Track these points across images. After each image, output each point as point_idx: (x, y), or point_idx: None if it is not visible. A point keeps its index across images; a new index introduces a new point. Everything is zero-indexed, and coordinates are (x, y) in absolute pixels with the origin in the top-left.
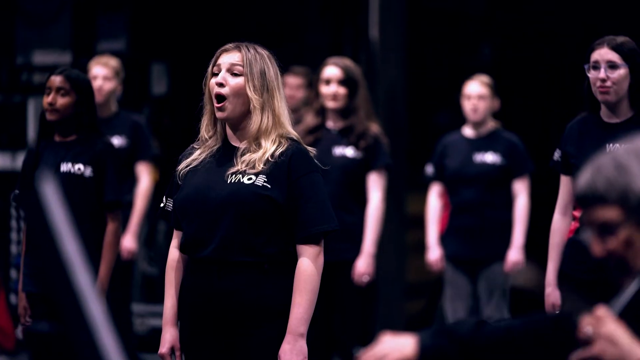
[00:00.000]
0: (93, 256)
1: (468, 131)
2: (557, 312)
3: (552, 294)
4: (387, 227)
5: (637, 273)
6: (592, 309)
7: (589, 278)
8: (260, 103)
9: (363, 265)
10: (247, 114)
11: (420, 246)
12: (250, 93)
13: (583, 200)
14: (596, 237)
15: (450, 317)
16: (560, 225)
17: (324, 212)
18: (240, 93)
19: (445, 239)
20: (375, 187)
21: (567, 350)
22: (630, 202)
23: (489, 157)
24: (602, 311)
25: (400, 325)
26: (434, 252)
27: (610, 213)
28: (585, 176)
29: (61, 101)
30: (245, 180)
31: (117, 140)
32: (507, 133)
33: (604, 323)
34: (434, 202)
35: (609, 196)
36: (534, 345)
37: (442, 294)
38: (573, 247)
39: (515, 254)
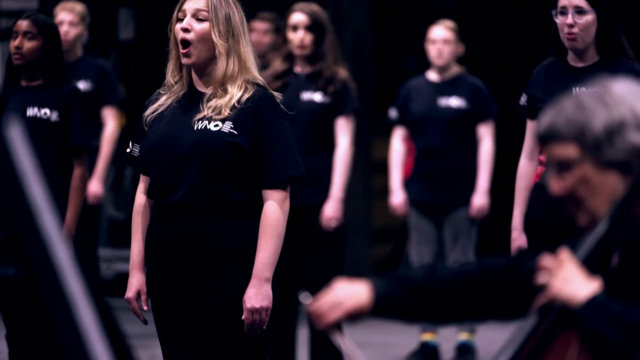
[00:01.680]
0: (60, 201)
1: (432, 76)
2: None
3: (519, 238)
4: (354, 172)
5: (595, 213)
6: (554, 252)
7: (555, 222)
8: (226, 48)
9: (331, 209)
10: (212, 59)
11: (387, 191)
12: (216, 38)
13: (543, 139)
14: (554, 175)
15: (416, 262)
16: (526, 169)
17: (290, 158)
18: (205, 38)
19: (410, 183)
20: (343, 132)
21: (521, 294)
22: (587, 140)
23: (454, 102)
24: (561, 254)
25: (366, 270)
26: (397, 196)
27: (567, 150)
28: (547, 116)
29: (28, 45)
30: (211, 126)
31: (82, 85)
32: (472, 78)
33: (561, 265)
34: (398, 146)
35: (567, 133)
36: (487, 290)
37: (408, 239)
38: (539, 191)
39: (480, 198)
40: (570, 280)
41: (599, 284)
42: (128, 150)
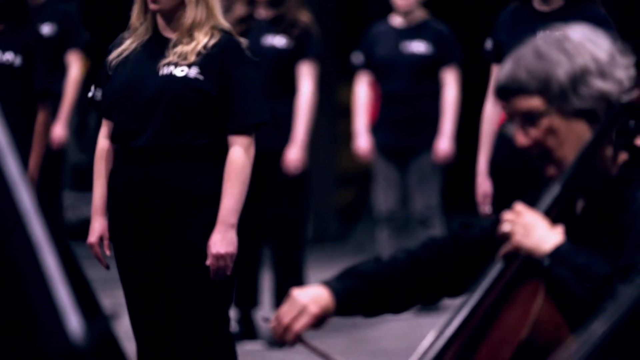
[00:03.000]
0: (23, 145)
1: (397, 20)
2: (488, 203)
3: (484, 183)
4: (318, 117)
5: (563, 163)
6: (520, 197)
7: (521, 166)
8: None
9: (294, 154)
10: (180, 5)
11: (351, 136)
12: None
13: (505, 92)
14: (520, 128)
15: (382, 207)
16: (491, 114)
17: (256, 104)
18: None
19: (375, 129)
20: (306, 77)
21: (468, 265)
22: (551, 91)
23: (418, 46)
24: (520, 206)
25: (330, 215)
26: (362, 140)
27: (532, 102)
28: (506, 67)
29: None
30: (177, 72)
31: (46, 29)
32: (437, 23)
33: (522, 215)
34: (362, 90)
35: (530, 85)
36: (435, 268)
37: (372, 184)
38: (504, 135)
39: (444, 142)
40: (533, 229)
41: (563, 234)
42: (91, 94)
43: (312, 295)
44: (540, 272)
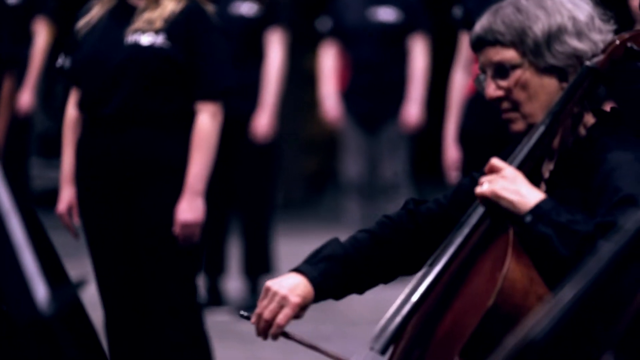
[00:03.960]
0: None
1: None
2: (456, 170)
3: (451, 150)
4: (286, 83)
5: (531, 118)
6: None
7: (490, 133)
8: None
9: (263, 121)
10: None
11: (319, 103)
12: None
13: (480, 42)
14: (491, 79)
15: (350, 174)
16: (460, 82)
17: (223, 70)
18: None
19: (344, 96)
20: (275, 44)
21: (426, 239)
22: (526, 44)
23: (386, 14)
24: (495, 161)
25: (299, 182)
26: (329, 107)
27: (505, 54)
28: (484, 19)
29: None
30: (144, 40)
31: None
32: None
33: (504, 170)
34: (329, 57)
35: (506, 37)
36: (397, 248)
37: (338, 151)
38: (473, 103)
39: (413, 108)
40: (515, 183)
41: (542, 191)
42: (59, 62)
43: (290, 285)
44: (521, 229)
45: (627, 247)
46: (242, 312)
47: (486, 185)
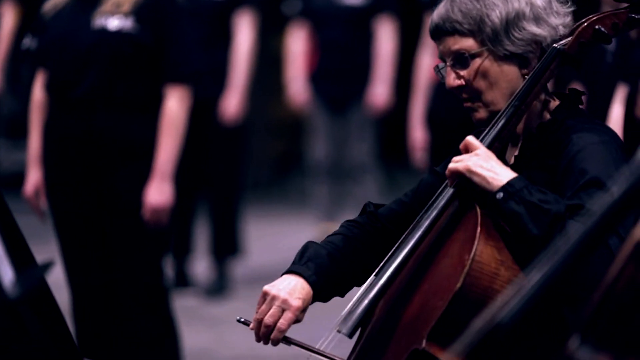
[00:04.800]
0: None
1: None
2: (422, 151)
3: (417, 132)
4: (254, 66)
5: (492, 106)
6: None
7: (457, 116)
8: None
9: (231, 103)
10: None
11: (285, 85)
12: None
13: (438, 31)
14: (450, 68)
15: (318, 156)
16: (426, 64)
17: (191, 54)
18: None
19: (312, 78)
20: (244, 26)
21: (384, 239)
22: (484, 32)
23: None
24: (472, 138)
25: (266, 165)
26: (296, 91)
27: (464, 43)
28: (441, 8)
29: None
30: (112, 24)
31: None
32: None
33: (477, 146)
34: (297, 39)
35: (464, 26)
36: (366, 250)
37: (305, 133)
38: (441, 85)
39: (380, 90)
40: (488, 160)
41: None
42: (25, 44)
43: (288, 288)
44: (493, 207)
45: (594, 231)
46: (239, 318)
47: (460, 163)
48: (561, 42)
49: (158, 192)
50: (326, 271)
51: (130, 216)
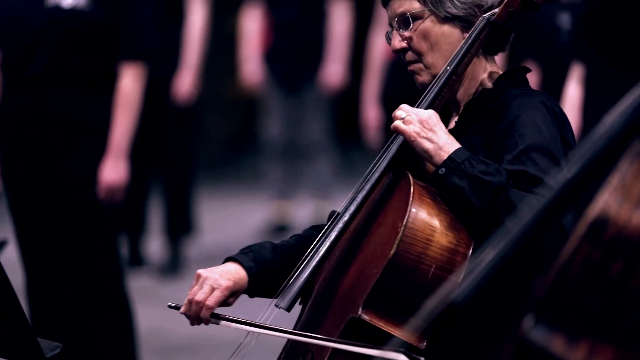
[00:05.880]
0: None
1: None
2: (374, 129)
3: (370, 110)
4: (208, 45)
5: (433, 69)
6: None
7: (412, 94)
8: None
9: (184, 82)
10: None
11: (237, 65)
12: None
13: None
14: (396, 31)
15: (272, 135)
16: (379, 43)
17: (146, 32)
18: None
19: (266, 58)
20: (197, 5)
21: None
22: None
23: None
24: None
25: (220, 144)
26: (250, 70)
27: (408, 5)
28: None
29: None
30: (65, 1)
31: None
32: None
33: (420, 114)
34: (252, 19)
35: None
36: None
37: (259, 113)
38: (395, 64)
39: (334, 69)
40: (428, 132)
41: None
42: None
43: (221, 271)
44: (410, 187)
45: (548, 209)
46: (170, 304)
47: (406, 126)
48: (490, 12)
49: (113, 170)
50: (266, 261)
51: (85, 194)
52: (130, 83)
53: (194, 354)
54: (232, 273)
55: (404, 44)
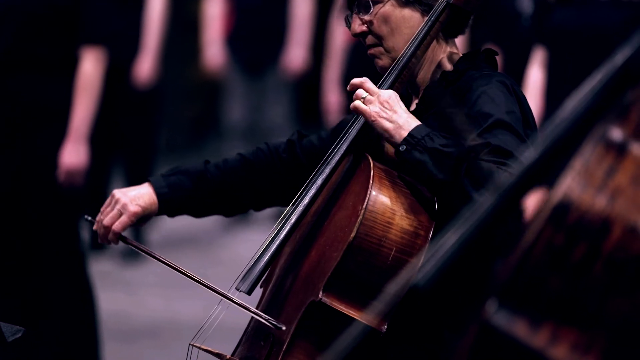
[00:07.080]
0: None
1: None
2: (337, 115)
3: (331, 94)
4: (169, 29)
5: (394, 52)
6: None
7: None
8: None
9: (145, 66)
10: None
11: (199, 49)
12: None
13: None
14: (355, 15)
15: (235, 118)
16: (340, 27)
17: (106, 14)
18: None
19: (228, 41)
20: None
21: (303, 172)
22: None
23: None
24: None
25: (181, 128)
26: (212, 54)
27: None
28: None
29: None
30: None
31: None
32: None
33: (380, 95)
34: (213, 2)
35: None
36: (268, 174)
37: (221, 96)
38: (355, 49)
39: (296, 52)
40: (388, 111)
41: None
42: None
43: (133, 195)
44: (370, 170)
45: (510, 192)
46: (86, 217)
47: (366, 106)
48: None
49: (73, 154)
50: (184, 189)
51: (45, 177)
52: (90, 67)
53: (156, 338)
54: (144, 199)
55: (364, 28)
